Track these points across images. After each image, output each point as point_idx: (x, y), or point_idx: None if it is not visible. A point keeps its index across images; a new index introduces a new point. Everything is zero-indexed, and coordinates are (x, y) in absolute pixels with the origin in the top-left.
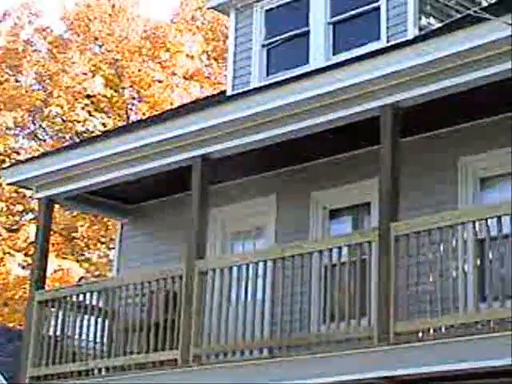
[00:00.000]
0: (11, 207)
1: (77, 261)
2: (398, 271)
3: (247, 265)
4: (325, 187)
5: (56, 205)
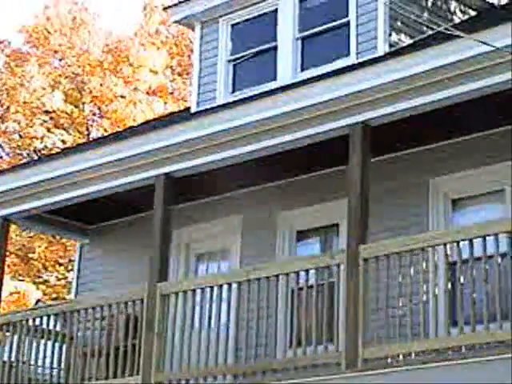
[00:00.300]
0: None
1: (34, 283)
2: (367, 295)
3: (211, 288)
4: (292, 208)
5: (12, 224)
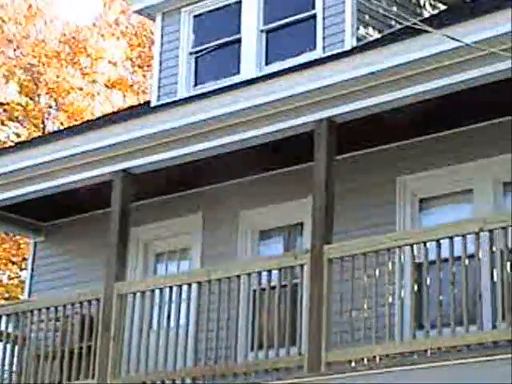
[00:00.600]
0: None
1: None
2: (331, 296)
3: (170, 288)
4: (254, 206)
5: None
